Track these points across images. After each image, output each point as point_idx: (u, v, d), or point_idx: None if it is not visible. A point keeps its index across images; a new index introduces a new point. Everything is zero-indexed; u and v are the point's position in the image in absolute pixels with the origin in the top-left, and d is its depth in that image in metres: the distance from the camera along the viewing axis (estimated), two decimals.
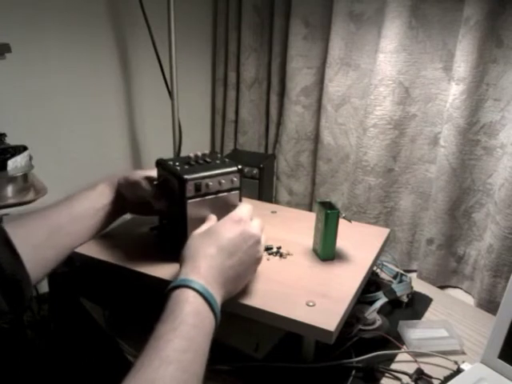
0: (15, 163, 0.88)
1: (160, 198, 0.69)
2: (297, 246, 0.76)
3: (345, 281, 0.67)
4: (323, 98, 1.19)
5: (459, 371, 0.69)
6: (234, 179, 0.68)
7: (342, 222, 0.72)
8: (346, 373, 0.69)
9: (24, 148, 0.91)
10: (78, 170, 1.18)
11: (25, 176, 0.89)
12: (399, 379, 0.69)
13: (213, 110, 1.50)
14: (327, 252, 0.72)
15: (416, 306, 0.86)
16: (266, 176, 1.13)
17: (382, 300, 0.79)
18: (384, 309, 0.80)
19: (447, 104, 0.95)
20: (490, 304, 0.91)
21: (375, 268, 0.89)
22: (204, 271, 0.55)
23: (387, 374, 0.69)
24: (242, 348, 0.72)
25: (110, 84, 1.23)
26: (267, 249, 0.74)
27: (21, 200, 0.87)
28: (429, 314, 0.85)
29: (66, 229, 0.70)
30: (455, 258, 1.03)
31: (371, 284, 0.83)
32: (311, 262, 0.72)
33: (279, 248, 0.75)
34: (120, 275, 0.70)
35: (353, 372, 0.69)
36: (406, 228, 1.11)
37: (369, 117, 1.05)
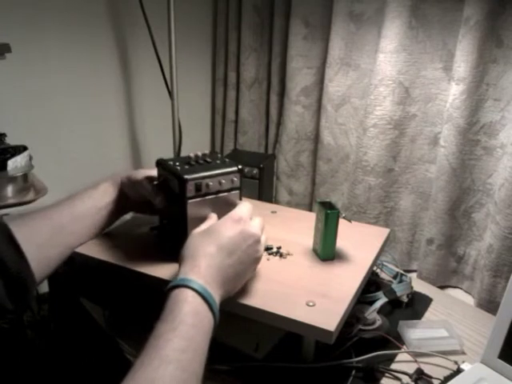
0: (15, 163, 0.88)
1: (160, 198, 0.69)
2: (297, 246, 0.76)
3: (345, 281, 0.67)
4: (323, 98, 1.19)
5: (459, 371, 0.69)
6: (235, 179, 0.68)
7: (342, 222, 0.72)
8: (346, 373, 0.69)
9: (24, 148, 0.91)
10: (78, 170, 1.18)
11: (25, 176, 0.89)
12: (399, 379, 0.69)
13: (213, 110, 1.50)
14: (327, 252, 0.72)
15: (416, 306, 0.86)
16: (266, 176, 1.13)
17: (382, 300, 0.79)
18: (384, 309, 0.80)
19: (447, 104, 0.95)
20: (490, 304, 0.91)
21: (375, 268, 0.89)
22: (203, 270, 0.55)
23: (387, 374, 0.69)
24: (242, 348, 0.72)
25: (110, 84, 1.23)
26: (267, 249, 0.74)
27: (21, 200, 0.87)
28: (429, 314, 0.85)
29: (69, 228, 0.70)
30: (455, 258, 1.03)
31: (371, 284, 0.83)
32: (311, 262, 0.72)
33: (279, 248, 0.75)
34: (120, 275, 0.70)
35: (353, 372, 0.69)
36: (406, 228, 1.11)
37: (369, 117, 1.05)
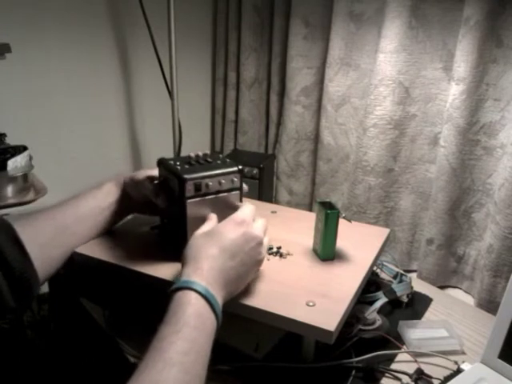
0: (15, 163, 0.88)
1: (161, 197, 0.69)
2: (297, 246, 0.76)
3: (345, 281, 0.67)
4: (323, 98, 1.19)
5: (459, 371, 0.69)
6: (235, 179, 0.68)
7: (342, 222, 0.72)
8: (346, 373, 0.69)
9: (24, 148, 0.91)
10: (78, 170, 1.18)
11: (25, 176, 0.89)
12: (399, 379, 0.69)
13: (213, 110, 1.50)
14: (327, 252, 0.72)
15: (416, 306, 0.86)
16: (266, 176, 1.13)
17: (382, 300, 0.79)
18: (384, 309, 0.80)
19: (447, 104, 0.95)
20: (490, 304, 0.91)
21: (375, 268, 0.89)
22: (206, 272, 0.55)
23: (387, 374, 0.69)
24: (242, 348, 0.72)
25: (110, 84, 1.23)
26: (267, 249, 0.74)
27: (21, 200, 0.87)
28: (429, 314, 0.85)
29: (72, 228, 0.70)
30: (455, 258, 1.03)
31: (371, 284, 0.83)
32: (311, 262, 0.72)
33: (279, 248, 0.75)
34: (120, 275, 0.70)
35: (353, 372, 0.69)
36: (406, 228, 1.11)
37: (369, 117, 1.05)
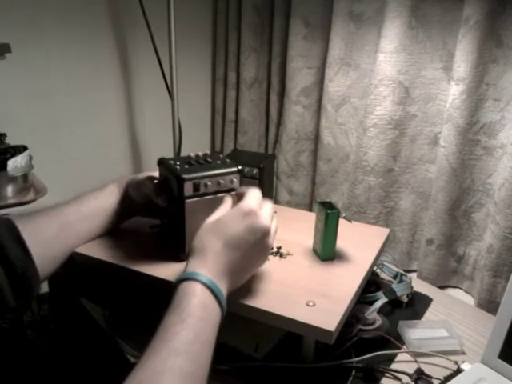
0: (15, 163, 0.88)
1: (161, 197, 0.69)
2: (297, 246, 0.76)
3: (345, 281, 0.67)
4: (323, 98, 1.19)
5: (459, 371, 0.69)
6: (234, 180, 0.68)
7: (342, 222, 0.72)
8: (346, 373, 0.69)
9: (24, 148, 0.91)
10: (78, 170, 1.18)
11: (25, 176, 0.89)
12: (399, 379, 0.69)
13: (213, 110, 1.50)
14: (327, 252, 0.72)
15: (416, 306, 0.86)
16: (266, 176, 1.13)
17: (382, 300, 0.79)
18: (384, 309, 0.80)
19: (447, 104, 0.95)
20: (490, 304, 0.91)
21: (375, 268, 0.89)
22: (211, 264, 0.55)
23: (387, 374, 0.69)
24: (242, 348, 0.72)
25: (110, 84, 1.23)
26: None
27: (21, 200, 0.87)
28: (429, 314, 0.85)
29: (75, 227, 0.70)
30: (455, 258, 1.03)
31: (371, 284, 0.83)
32: (311, 262, 0.72)
33: (279, 248, 0.75)
34: (120, 275, 0.70)
35: (353, 372, 0.69)
36: (406, 228, 1.11)
37: (369, 117, 1.05)
